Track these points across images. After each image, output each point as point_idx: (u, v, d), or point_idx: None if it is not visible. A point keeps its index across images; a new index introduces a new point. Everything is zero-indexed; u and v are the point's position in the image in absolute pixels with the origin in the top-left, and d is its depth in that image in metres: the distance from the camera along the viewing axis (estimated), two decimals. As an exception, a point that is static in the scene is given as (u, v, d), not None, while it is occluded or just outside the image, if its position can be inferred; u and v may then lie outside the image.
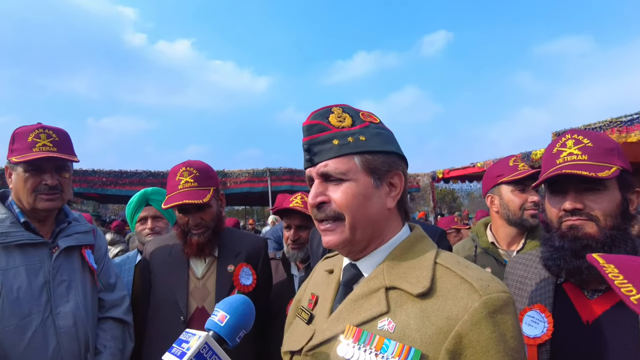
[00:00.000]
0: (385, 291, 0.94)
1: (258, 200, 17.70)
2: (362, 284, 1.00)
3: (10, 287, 1.59)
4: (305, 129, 1.02)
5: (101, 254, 2.01)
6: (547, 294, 1.32)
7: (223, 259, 2.05)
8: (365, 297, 0.96)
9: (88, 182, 12.55)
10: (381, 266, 0.99)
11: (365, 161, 0.98)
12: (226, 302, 1.08)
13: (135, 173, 13.28)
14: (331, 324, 0.98)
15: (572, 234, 1.21)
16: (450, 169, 13.54)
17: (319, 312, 1.08)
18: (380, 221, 1.01)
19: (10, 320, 1.57)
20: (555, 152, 1.29)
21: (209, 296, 1.98)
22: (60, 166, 1.77)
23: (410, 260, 0.97)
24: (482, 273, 0.92)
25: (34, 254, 1.70)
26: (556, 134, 8.78)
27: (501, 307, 0.84)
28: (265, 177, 13.80)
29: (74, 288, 1.76)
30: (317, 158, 1.00)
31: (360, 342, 0.89)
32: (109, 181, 12.86)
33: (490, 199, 2.16)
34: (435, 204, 16.80)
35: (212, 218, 2.01)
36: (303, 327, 1.08)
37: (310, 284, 1.24)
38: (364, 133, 1.00)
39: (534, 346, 1.25)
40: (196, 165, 2.01)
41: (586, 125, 8.69)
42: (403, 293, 0.92)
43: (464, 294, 0.86)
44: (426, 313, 0.87)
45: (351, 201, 0.97)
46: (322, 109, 1.04)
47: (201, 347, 0.94)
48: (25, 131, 1.73)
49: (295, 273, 2.40)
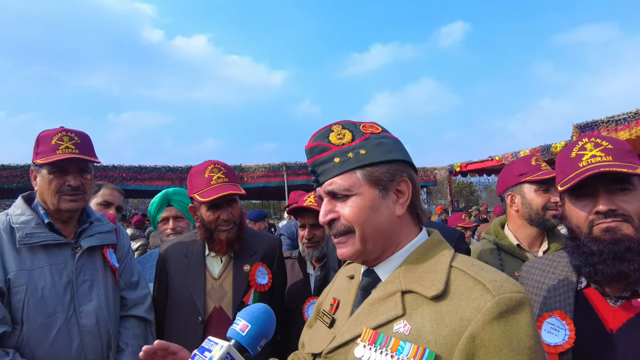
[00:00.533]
0: (401, 295, 0.96)
1: (274, 195, 17.82)
2: (379, 288, 1.03)
3: (35, 287, 1.63)
4: (308, 152, 1.07)
5: (124, 252, 2.04)
6: (567, 300, 1.27)
7: (239, 258, 2.07)
8: (382, 301, 0.98)
9: (109, 177, 12.81)
10: (397, 271, 1.01)
11: (368, 174, 1.00)
12: (247, 311, 1.09)
13: (154, 168, 13.50)
14: (349, 327, 1.01)
15: (610, 236, 1.15)
16: (468, 162, 13.37)
17: (340, 316, 1.10)
18: (391, 229, 1.03)
19: (35, 319, 1.61)
20: (574, 156, 1.24)
21: (226, 296, 1.99)
22: (82, 168, 1.82)
23: (426, 265, 0.99)
24: (497, 274, 0.92)
25: (58, 254, 1.74)
26: (577, 126, 8.57)
27: (514, 307, 0.84)
28: (281, 171, 13.87)
29: (97, 287, 1.80)
30: (322, 178, 1.04)
31: (377, 345, 0.91)
32: (129, 176, 13.11)
33: (510, 197, 2.11)
34: (453, 198, 16.62)
35: (238, 213, 2.05)
36: (325, 330, 1.11)
37: (332, 289, 1.26)
38: (364, 146, 1.02)
39: (555, 354, 1.22)
40: (222, 164, 2.07)
41: (610, 117, 8.45)
42: (418, 296, 0.94)
43: (477, 295, 0.87)
44: (440, 315, 0.89)
45: (358, 214, 1.00)
46: (323, 130, 1.07)
47: (223, 358, 0.96)
48: (49, 135, 1.78)
49: (311, 272, 2.41)
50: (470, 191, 35.00)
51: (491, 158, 12.31)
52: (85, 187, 1.82)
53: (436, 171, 16.59)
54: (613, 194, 1.17)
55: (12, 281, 1.60)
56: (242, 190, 2.02)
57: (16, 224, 1.70)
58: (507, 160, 11.48)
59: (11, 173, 11.62)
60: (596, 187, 1.18)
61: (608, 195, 1.17)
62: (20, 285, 1.61)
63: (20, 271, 1.63)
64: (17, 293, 1.60)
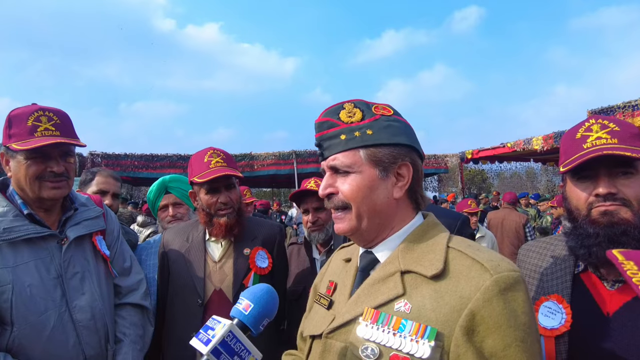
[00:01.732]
0: (400, 275, 0.99)
1: (285, 183, 17.89)
2: (378, 269, 1.05)
3: (22, 285, 1.49)
4: (317, 126, 1.10)
5: (113, 237, 1.89)
6: (565, 284, 1.27)
7: (239, 242, 2.10)
8: (382, 281, 1.01)
9: (121, 165, 13.00)
10: (396, 252, 1.04)
11: (370, 154, 1.03)
12: (250, 291, 1.11)
13: (165, 156, 13.65)
14: (350, 307, 1.03)
15: (607, 220, 1.15)
16: (480, 149, 13.20)
17: (338, 297, 1.12)
18: (386, 210, 1.05)
19: (26, 318, 1.47)
20: (579, 137, 1.23)
21: (226, 279, 2.03)
22: (65, 151, 1.62)
23: (423, 246, 1.02)
24: (493, 254, 0.96)
25: (43, 248, 1.58)
26: (592, 112, 8.39)
27: (512, 285, 0.88)
28: (291, 159, 13.91)
29: (88, 279, 1.66)
30: (327, 152, 1.07)
31: (379, 323, 0.94)
32: (141, 164, 13.29)
33: None
34: (464, 185, 16.49)
35: (237, 199, 2.08)
36: (323, 312, 1.13)
37: (327, 273, 1.29)
38: (372, 127, 1.05)
39: (552, 338, 1.22)
40: (221, 150, 2.11)
41: (626, 103, 8.26)
42: (418, 276, 0.97)
43: (475, 274, 0.90)
44: (440, 294, 0.91)
45: (356, 192, 1.03)
46: (335, 106, 1.09)
47: (226, 335, 0.98)
48: (23, 113, 1.56)
49: (317, 257, 2.44)
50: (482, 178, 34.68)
51: (503, 145, 12.13)
52: (69, 172, 1.64)
53: (447, 158, 16.45)
54: (615, 177, 1.16)
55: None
56: (240, 174, 2.05)
57: None
58: (519, 147, 11.31)
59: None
60: (598, 169, 1.17)
61: (609, 178, 1.16)
62: (5, 284, 1.47)
63: (3, 269, 1.48)
64: (3, 293, 1.46)
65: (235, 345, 0.99)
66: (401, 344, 0.89)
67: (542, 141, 10.59)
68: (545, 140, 10.47)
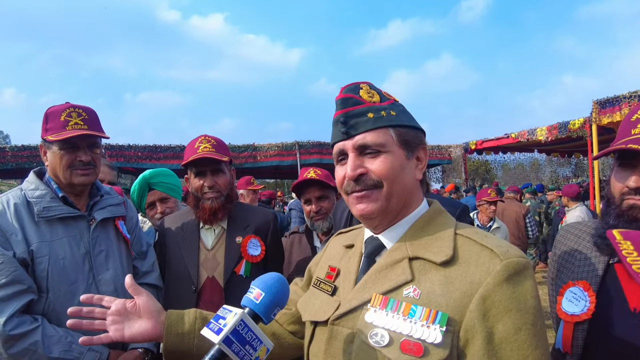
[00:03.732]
0: (408, 261, 0.99)
1: (288, 173, 17.87)
2: (385, 255, 1.04)
3: (57, 257, 1.72)
4: (340, 102, 1.05)
5: (133, 224, 2.12)
6: (595, 272, 1.22)
7: (232, 231, 2.14)
8: (390, 267, 1.00)
9: (125, 156, 13.02)
10: (403, 238, 1.04)
11: (400, 134, 1.03)
12: (261, 280, 1.09)
13: (169, 147, 13.65)
14: (357, 293, 1.02)
15: (631, 214, 1.11)
16: (484, 140, 13.13)
17: (342, 283, 1.11)
18: (412, 191, 1.06)
19: (60, 287, 1.70)
20: (634, 119, 1.15)
21: (219, 266, 2.07)
22: (92, 143, 1.87)
23: (430, 232, 1.02)
24: (501, 241, 0.96)
25: (74, 226, 1.82)
26: (597, 102, 8.31)
27: (520, 270, 0.89)
28: (294, 150, 13.87)
29: (112, 257, 1.89)
30: (354, 130, 1.03)
31: (388, 309, 0.94)
32: (145, 155, 13.28)
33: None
34: (468, 176, 16.44)
35: (225, 184, 2.10)
36: (326, 298, 1.12)
37: (324, 258, 1.28)
38: (393, 109, 1.05)
39: (571, 323, 1.20)
40: (213, 137, 2.15)
41: (632, 92, 8.16)
42: (426, 262, 0.97)
43: (485, 259, 0.91)
44: (450, 279, 0.92)
45: (390, 171, 1.01)
46: (352, 85, 1.07)
47: (237, 324, 0.97)
48: (57, 111, 1.83)
49: (318, 245, 2.46)
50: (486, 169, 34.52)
51: (507, 135, 12.05)
52: (95, 162, 1.89)
53: (451, 149, 16.34)
54: None
55: (35, 252, 1.69)
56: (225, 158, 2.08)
57: (32, 198, 1.77)
58: (523, 137, 11.24)
59: (31, 153, 11.89)
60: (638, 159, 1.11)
61: None
62: (43, 255, 1.70)
63: (42, 243, 1.71)
64: (41, 263, 1.69)
65: (247, 335, 0.98)
66: (412, 330, 0.89)
67: (546, 132, 10.51)
68: (550, 131, 10.39)
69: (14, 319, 1.57)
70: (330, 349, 1.03)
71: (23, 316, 1.61)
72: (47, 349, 1.59)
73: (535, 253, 8.85)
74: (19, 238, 1.68)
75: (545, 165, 31.80)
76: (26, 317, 1.62)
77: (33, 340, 1.57)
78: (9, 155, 11.92)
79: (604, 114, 8.23)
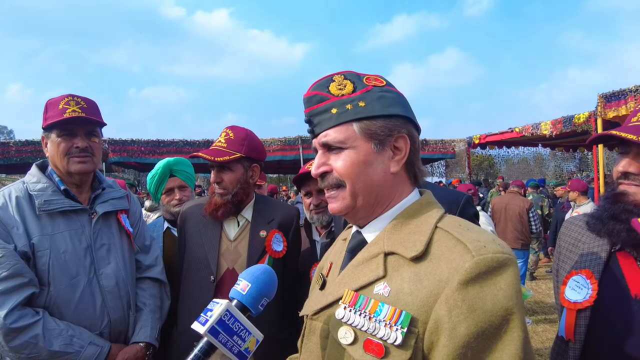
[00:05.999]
0: (384, 256, 0.94)
1: (291, 168, 17.88)
2: (363, 250, 1.02)
3: (58, 251, 1.71)
4: (305, 100, 1.03)
5: (136, 217, 2.11)
6: (597, 261, 1.25)
7: (256, 224, 2.11)
8: (365, 263, 0.97)
9: (128, 151, 13.08)
10: (382, 232, 1.00)
11: (364, 127, 0.97)
12: (248, 272, 1.11)
13: (172, 142, 13.69)
14: (334, 288, 1.01)
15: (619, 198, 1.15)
16: (487, 134, 13.06)
17: (330, 278, 1.11)
18: (383, 186, 1.00)
19: (61, 281, 1.69)
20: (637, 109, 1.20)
21: (240, 258, 2.04)
22: (89, 130, 1.85)
23: (411, 226, 0.97)
24: (483, 234, 0.88)
25: (76, 220, 1.80)
26: (603, 96, 8.24)
27: (495, 268, 0.81)
28: (297, 145, 13.87)
29: (114, 251, 1.88)
30: (318, 129, 1.01)
31: (357, 306, 0.91)
32: (148, 150, 13.34)
33: None
34: (471, 171, 16.38)
35: (232, 182, 2.04)
36: (317, 293, 1.13)
37: (331, 253, 1.27)
38: (364, 98, 0.99)
39: (574, 311, 1.23)
40: (236, 131, 2.09)
41: (638, 86, 8.08)
42: (400, 258, 0.92)
43: (456, 256, 0.84)
44: (419, 277, 0.86)
45: (350, 169, 0.98)
46: (324, 79, 1.03)
47: (222, 314, 0.97)
48: (57, 100, 1.82)
49: (317, 239, 2.45)
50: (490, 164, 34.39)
51: (511, 130, 11.97)
52: (93, 150, 1.86)
53: (454, 143, 16.29)
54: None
55: (37, 246, 1.68)
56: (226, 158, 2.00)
57: (34, 191, 1.76)
58: (528, 132, 11.17)
59: (35, 148, 11.96)
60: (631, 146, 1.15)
61: (635, 157, 1.13)
62: (44, 249, 1.69)
63: (43, 236, 1.70)
64: (42, 257, 1.68)
65: (234, 325, 0.99)
66: (375, 329, 0.85)
67: (550, 126, 10.43)
68: (554, 125, 10.32)
69: (15, 312, 1.56)
70: (309, 344, 1.03)
71: (24, 309, 1.60)
72: (47, 342, 1.59)
73: (538, 248, 8.84)
74: (20, 231, 1.67)
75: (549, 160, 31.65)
76: (27, 310, 1.61)
77: (34, 334, 1.57)
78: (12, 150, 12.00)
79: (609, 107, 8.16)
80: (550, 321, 6.19)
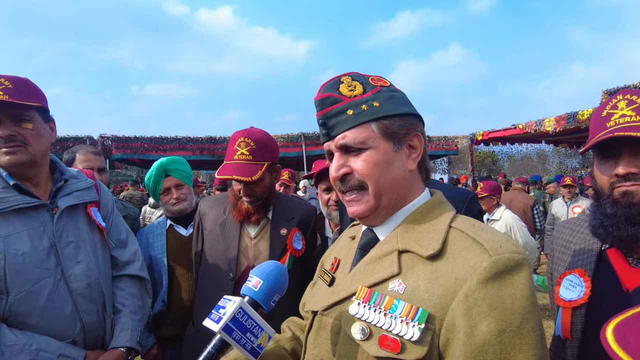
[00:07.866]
0: (398, 254, 0.95)
1: (293, 165, 17.87)
2: (376, 247, 1.02)
3: (15, 254, 1.49)
4: (318, 103, 1.02)
5: (108, 209, 1.90)
6: (589, 259, 1.28)
7: (276, 222, 2.10)
8: (379, 260, 0.98)
9: (131, 148, 13.10)
10: (396, 230, 1.00)
11: (383, 127, 0.98)
12: (259, 268, 1.11)
13: (175, 139, 13.70)
14: (345, 285, 1.02)
15: (626, 200, 1.13)
16: (491, 130, 13.04)
17: (339, 275, 1.12)
18: (403, 185, 1.01)
19: (21, 287, 1.48)
20: (605, 115, 1.19)
21: (261, 256, 2.02)
22: (17, 116, 1.56)
23: (425, 225, 0.98)
24: (497, 235, 0.90)
25: (34, 218, 1.58)
26: (607, 92, 8.21)
27: (511, 268, 0.82)
28: (299, 141, 13.86)
29: (83, 248, 1.67)
30: (334, 131, 1.00)
31: (371, 302, 0.92)
32: (151, 147, 13.35)
33: None
34: (474, 167, 16.35)
35: (263, 191, 2.02)
36: (325, 289, 1.13)
37: (335, 249, 1.28)
38: (377, 98, 0.99)
39: (569, 309, 1.25)
40: (255, 137, 1.98)
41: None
42: (415, 256, 0.93)
43: (473, 255, 0.85)
44: (435, 275, 0.87)
45: (373, 169, 0.97)
46: (331, 81, 1.03)
47: (236, 312, 0.98)
48: None
49: (330, 235, 2.45)
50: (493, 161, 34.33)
51: (514, 126, 11.95)
52: (26, 138, 1.57)
53: (457, 140, 16.25)
54: (637, 157, 1.13)
55: None
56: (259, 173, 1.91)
57: None
58: (531, 128, 11.14)
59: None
60: (621, 148, 1.15)
61: (630, 157, 1.13)
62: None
63: None
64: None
65: (247, 322, 0.99)
66: (391, 325, 0.86)
67: (554, 122, 10.40)
68: (558, 122, 10.29)
69: None
70: (319, 339, 1.03)
71: None
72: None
73: (540, 244, 8.83)
74: None
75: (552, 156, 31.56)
76: None
77: None
78: None
79: (613, 104, 8.12)
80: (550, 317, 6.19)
